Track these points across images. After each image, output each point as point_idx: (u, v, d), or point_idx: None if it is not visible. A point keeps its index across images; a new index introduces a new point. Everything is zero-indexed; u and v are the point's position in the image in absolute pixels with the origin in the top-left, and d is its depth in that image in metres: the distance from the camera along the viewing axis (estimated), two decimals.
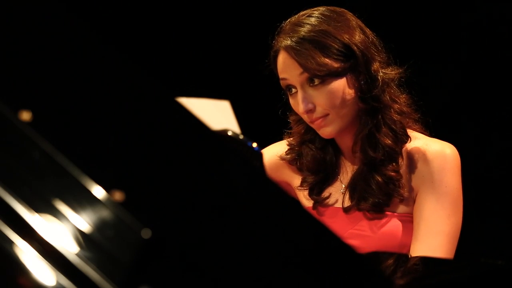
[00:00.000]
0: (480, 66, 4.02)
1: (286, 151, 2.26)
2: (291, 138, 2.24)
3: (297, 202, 1.37)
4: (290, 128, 2.25)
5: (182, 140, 1.21)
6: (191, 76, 4.56)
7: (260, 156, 3.12)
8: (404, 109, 2.13)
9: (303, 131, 2.20)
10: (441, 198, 2.07)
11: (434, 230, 2.05)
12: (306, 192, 2.23)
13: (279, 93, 2.22)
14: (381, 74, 2.08)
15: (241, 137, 3.29)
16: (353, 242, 2.11)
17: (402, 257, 1.83)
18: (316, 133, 2.14)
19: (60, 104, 1.19)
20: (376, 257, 1.75)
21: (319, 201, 2.19)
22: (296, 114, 2.17)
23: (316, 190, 2.20)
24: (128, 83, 1.23)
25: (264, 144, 2.80)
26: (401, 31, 2.11)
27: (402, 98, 2.14)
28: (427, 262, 1.78)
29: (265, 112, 4.22)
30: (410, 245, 2.09)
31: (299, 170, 2.24)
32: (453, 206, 2.07)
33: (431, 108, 2.20)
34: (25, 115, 1.15)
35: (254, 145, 3.24)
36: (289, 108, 2.19)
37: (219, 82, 4.46)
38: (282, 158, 2.26)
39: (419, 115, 2.17)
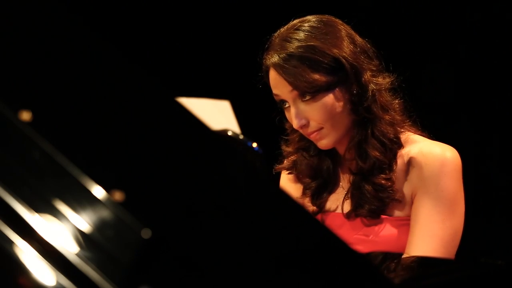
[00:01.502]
0: (479, 67, 4.02)
1: (285, 159, 2.26)
2: (288, 147, 2.24)
3: (297, 203, 1.37)
4: (287, 135, 2.25)
5: (182, 140, 1.21)
6: (191, 76, 4.56)
7: (260, 156, 3.12)
8: (397, 117, 2.12)
9: (297, 139, 2.20)
10: (436, 202, 2.05)
11: (428, 234, 2.04)
12: (307, 200, 2.22)
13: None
14: (371, 85, 2.07)
15: (241, 137, 3.30)
16: (358, 247, 2.11)
17: (400, 257, 1.83)
18: (311, 140, 2.14)
19: (60, 104, 1.19)
20: (376, 257, 1.75)
21: (321, 207, 2.19)
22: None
23: (318, 196, 2.20)
24: (128, 83, 1.23)
25: (264, 144, 2.80)
26: (401, 32, 2.10)
27: (395, 104, 2.13)
28: (427, 262, 1.78)
29: (265, 112, 4.23)
30: None
31: (299, 178, 2.24)
32: (449, 210, 2.05)
33: (431, 109, 2.19)
34: (25, 115, 1.15)
35: (254, 145, 3.25)
36: (284, 116, 2.18)
37: (219, 82, 4.46)
38: (278, 168, 2.26)
39: (410, 122, 2.15)
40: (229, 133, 3.28)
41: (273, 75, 2.09)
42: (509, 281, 1.53)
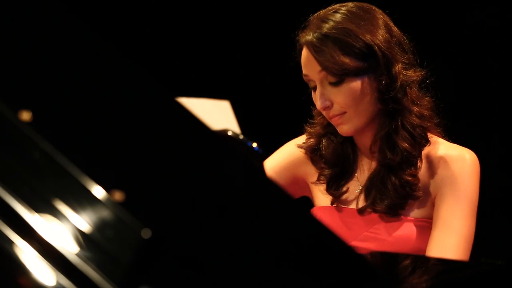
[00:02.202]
0: (479, 67, 4.02)
1: (306, 139, 2.24)
2: (313, 128, 2.23)
3: (297, 202, 1.37)
4: (312, 118, 2.23)
5: (182, 140, 1.21)
6: (191, 76, 4.56)
7: (260, 156, 3.12)
8: (425, 112, 2.12)
9: (325, 122, 2.18)
10: (459, 200, 2.07)
11: (451, 229, 2.05)
12: (322, 187, 2.21)
13: (280, 93, 2.22)
14: (401, 76, 2.07)
15: (241, 137, 3.29)
16: (367, 245, 2.11)
17: (400, 257, 1.83)
18: None
19: (60, 104, 1.19)
20: (376, 257, 1.75)
21: (337, 196, 2.18)
22: None
23: (334, 184, 2.19)
24: (128, 83, 1.23)
25: (264, 144, 2.80)
26: (400, 31, 2.10)
27: (424, 101, 2.13)
28: (426, 261, 1.78)
29: (265, 112, 4.23)
30: (425, 250, 2.08)
31: (316, 161, 2.22)
32: (469, 209, 2.08)
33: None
34: (25, 115, 1.15)
35: (254, 145, 3.24)
36: (312, 101, 2.18)
37: (219, 82, 4.46)
38: (300, 146, 2.25)
39: (439, 119, 2.16)
40: (229, 133, 3.27)
41: (304, 54, 2.10)
42: (509, 281, 1.53)
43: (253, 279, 1.14)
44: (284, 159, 2.27)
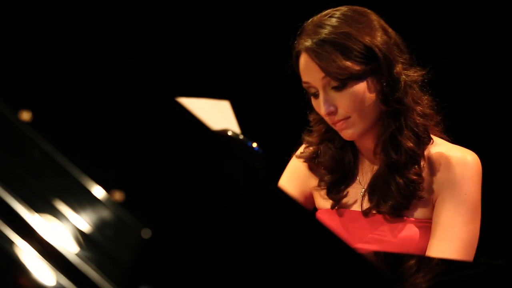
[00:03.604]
0: (479, 67, 4.02)
1: (304, 148, 2.24)
2: (311, 137, 2.23)
3: (297, 202, 1.37)
4: (310, 126, 2.23)
5: (182, 140, 1.21)
6: (191, 76, 4.56)
7: (260, 156, 3.13)
8: (427, 111, 2.12)
9: (323, 130, 2.18)
10: (459, 205, 2.06)
11: (450, 236, 2.04)
12: (323, 192, 2.21)
13: (280, 94, 2.22)
14: (403, 76, 2.07)
15: (241, 137, 3.30)
16: (372, 247, 2.10)
17: (401, 257, 1.83)
18: (337, 132, 2.13)
19: (60, 104, 1.19)
20: (378, 257, 1.75)
21: (337, 201, 2.18)
22: (316, 113, 2.16)
23: (334, 189, 2.19)
24: (128, 83, 1.23)
25: (264, 144, 2.81)
26: (400, 31, 2.10)
27: (425, 100, 2.13)
28: (426, 262, 1.78)
29: (265, 112, 4.23)
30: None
31: (316, 168, 2.22)
32: (471, 213, 2.06)
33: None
34: (25, 115, 1.15)
35: (254, 145, 3.25)
36: (309, 107, 2.17)
37: (219, 82, 4.46)
38: (298, 156, 2.25)
39: (440, 117, 2.16)
40: (229, 133, 3.28)
41: (304, 61, 2.08)
42: (509, 281, 1.53)
43: (254, 279, 1.14)
44: (292, 180, 2.28)
